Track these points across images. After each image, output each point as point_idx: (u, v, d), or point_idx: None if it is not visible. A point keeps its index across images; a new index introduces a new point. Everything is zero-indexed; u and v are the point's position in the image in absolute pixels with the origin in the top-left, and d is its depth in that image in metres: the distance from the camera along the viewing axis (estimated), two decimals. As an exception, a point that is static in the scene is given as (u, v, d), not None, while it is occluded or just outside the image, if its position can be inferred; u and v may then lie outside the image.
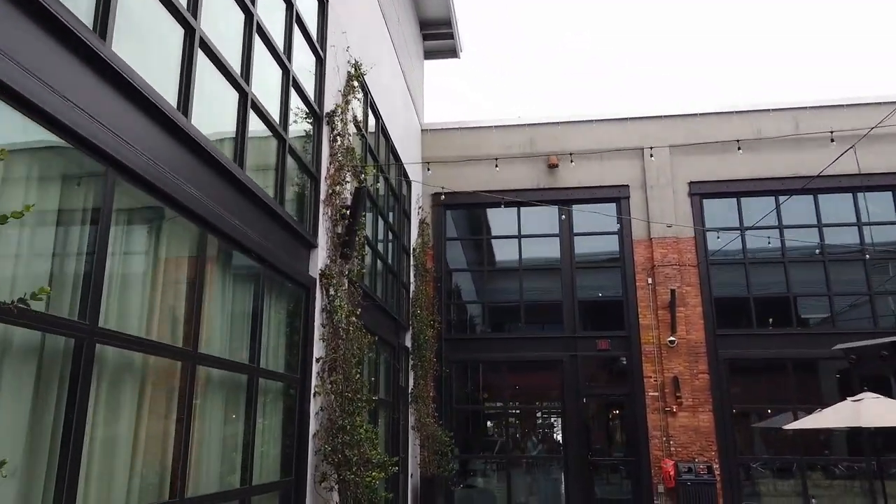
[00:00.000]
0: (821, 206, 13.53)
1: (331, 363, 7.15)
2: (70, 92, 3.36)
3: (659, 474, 12.55)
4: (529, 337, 13.79)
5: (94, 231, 3.63)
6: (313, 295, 6.97)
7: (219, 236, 4.98)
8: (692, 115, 14.09)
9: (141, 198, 4.13)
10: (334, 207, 7.57)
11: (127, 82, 3.80)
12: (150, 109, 4.08)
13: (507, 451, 13.55)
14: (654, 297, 13.39)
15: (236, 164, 5.30)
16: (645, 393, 13.00)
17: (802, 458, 12.61)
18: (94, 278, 3.56)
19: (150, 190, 4.09)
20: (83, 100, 3.46)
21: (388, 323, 10.90)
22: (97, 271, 3.59)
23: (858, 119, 13.22)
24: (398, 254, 12.06)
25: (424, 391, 12.77)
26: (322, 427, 6.87)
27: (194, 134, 4.52)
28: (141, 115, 4.01)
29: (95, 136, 3.53)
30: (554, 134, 14.43)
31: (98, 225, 3.64)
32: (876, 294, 12.98)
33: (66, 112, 3.31)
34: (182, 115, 4.43)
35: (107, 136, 3.64)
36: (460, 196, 14.47)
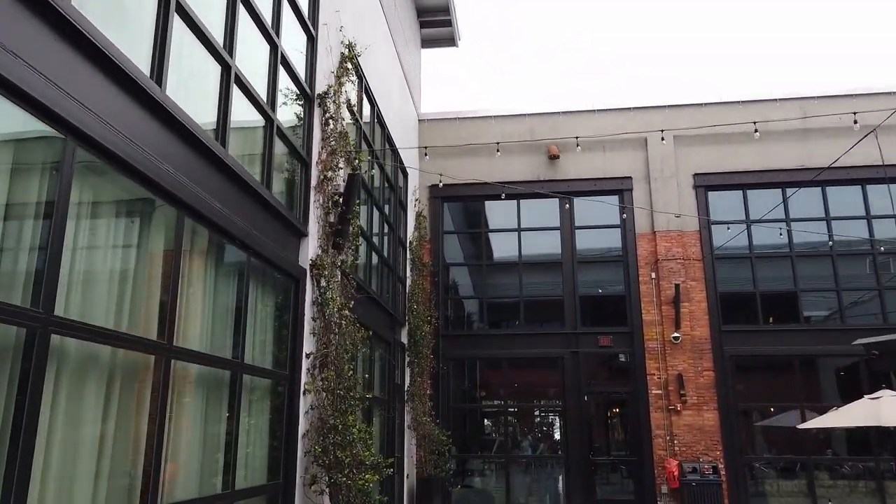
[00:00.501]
0: (829, 198, 13.17)
1: (322, 359, 6.75)
2: (22, 49, 2.96)
3: (662, 474, 12.19)
4: (529, 333, 13.41)
5: (51, 209, 3.22)
6: (303, 286, 6.56)
7: (197, 219, 4.57)
8: (697, 105, 13.70)
9: (106, 172, 3.72)
10: (326, 195, 7.16)
11: (89, 41, 3.38)
12: (117, 75, 3.67)
13: (506, 451, 13.17)
14: (657, 292, 13.01)
15: (218, 142, 4.89)
16: (648, 391, 12.63)
17: (810, 458, 12.26)
18: (49, 262, 3.16)
19: (116, 164, 3.68)
20: (39, 61, 3.05)
21: (383, 318, 10.50)
22: (52, 254, 3.18)
23: (870, 108, 12.85)
24: (394, 247, 11.66)
25: (421, 389, 12.38)
26: (312, 427, 6.47)
27: (169, 105, 4.11)
28: (106, 80, 3.60)
29: (52, 101, 3.12)
30: (555, 124, 14.03)
31: (56, 203, 3.23)
32: (885, 289, 12.61)
33: (14, 69, 2.90)
34: (155, 84, 4.02)
35: (66, 102, 3.23)
36: (458, 188, 14.07)
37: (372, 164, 9.92)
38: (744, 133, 13.49)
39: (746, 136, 13.46)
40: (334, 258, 7.25)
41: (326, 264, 6.95)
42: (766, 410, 12.87)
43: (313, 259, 6.80)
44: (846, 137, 12.62)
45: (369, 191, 9.80)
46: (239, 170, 5.13)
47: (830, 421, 7.86)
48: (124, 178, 3.81)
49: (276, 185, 6.30)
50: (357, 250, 8.49)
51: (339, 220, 7.26)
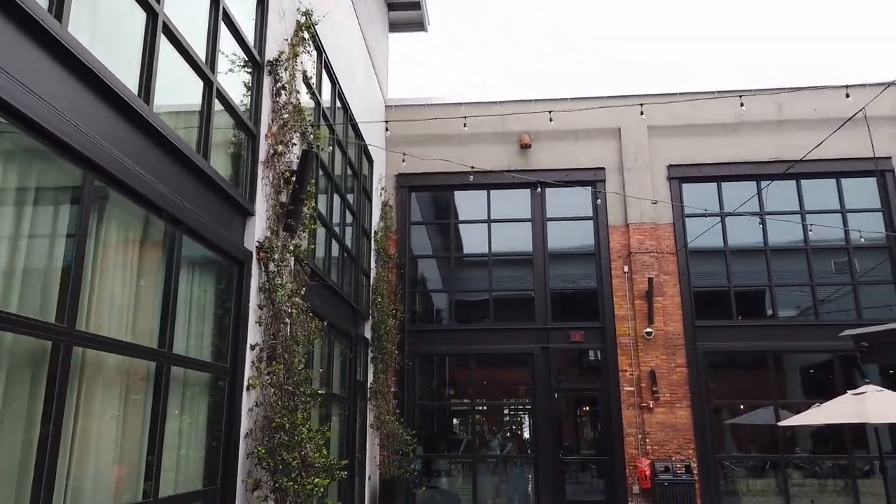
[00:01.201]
0: (804, 191, 12.93)
1: (270, 351, 6.14)
2: None
3: (634, 474, 11.79)
4: (499, 328, 12.90)
5: None
6: (248, 271, 5.94)
7: (110, 182, 3.93)
8: (671, 95, 13.35)
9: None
10: (277, 172, 6.54)
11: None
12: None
13: (474, 450, 12.65)
14: (630, 286, 12.62)
15: (140, 98, 4.25)
16: (620, 387, 12.23)
17: (783, 457, 11.98)
18: None
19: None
20: None
21: (344, 311, 9.89)
22: None
23: (843, 101, 12.61)
24: (357, 237, 11.05)
25: (385, 386, 11.80)
26: (257, 426, 5.85)
27: (71, 44, 3.47)
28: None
29: None
30: (526, 112, 13.55)
31: None
32: (860, 284, 12.41)
33: None
34: (54, 18, 3.38)
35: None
36: (426, 177, 13.53)
37: (332, 144, 9.31)
38: (719, 124, 13.22)
39: (721, 127, 13.20)
40: (286, 241, 6.63)
41: (276, 247, 6.33)
42: (739, 408, 12.56)
43: (261, 241, 6.18)
44: (820, 130, 12.39)
45: (330, 174, 9.18)
46: (168, 133, 4.49)
47: (813, 418, 7.50)
48: (12, 126, 3.17)
49: (218, 157, 5.67)
50: (313, 235, 7.87)
51: (291, 199, 6.65)
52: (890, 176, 12.59)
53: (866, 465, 11.89)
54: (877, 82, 12.64)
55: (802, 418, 7.75)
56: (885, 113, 12.74)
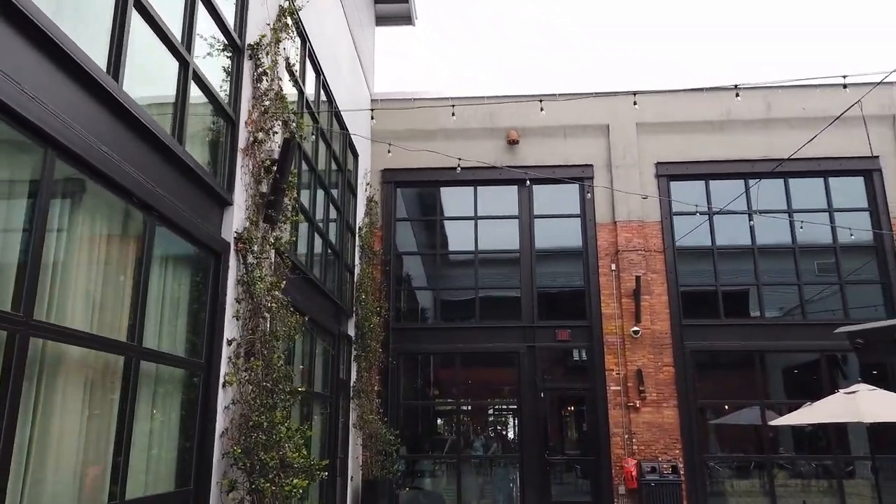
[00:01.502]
0: (791, 190, 12.87)
1: (248, 347, 5.89)
2: None
3: (620, 474, 11.66)
4: (484, 326, 12.71)
5: None
6: (226, 262, 5.69)
7: (75, 163, 3.68)
8: (660, 92, 13.23)
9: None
10: (257, 160, 6.29)
11: None
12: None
13: (458, 451, 12.45)
14: (617, 284, 12.49)
15: (109, 75, 4.00)
16: (607, 387, 12.09)
17: (769, 457, 11.90)
18: None
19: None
20: None
21: (327, 307, 9.64)
22: None
23: (831, 100, 12.61)
24: (342, 232, 10.80)
25: (368, 385, 11.56)
26: (233, 424, 5.60)
27: (31, 12, 3.21)
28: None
29: None
30: (515, 108, 13.37)
31: None
32: (847, 283, 12.37)
33: None
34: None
35: None
36: (413, 172, 13.32)
37: (316, 136, 9.06)
38: (707, 122, 13.14)
39: (709, 124, 13.12)
40: (266, 233, 6.38)
41: (255, 239, 6.08)
42: (725, 408, 12.47)
43: (239, 232, 5.93)
44: (808, 128, 12.35)
45: (313, 167, 8.94)
46: (138, 112, 4.24)
47: (805, 417, 7.39)
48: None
49: (194, 143, 5.41)
50: (295, 228, 7.63)
51: (271, 189, 6.40)
52: (877, 175, 12.57)
53: (849, 465, 11.85)
54: (864, 82, 12.59)
55: (794, 418, 7.64)
56: (873, 112, 12.69)
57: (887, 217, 12.35)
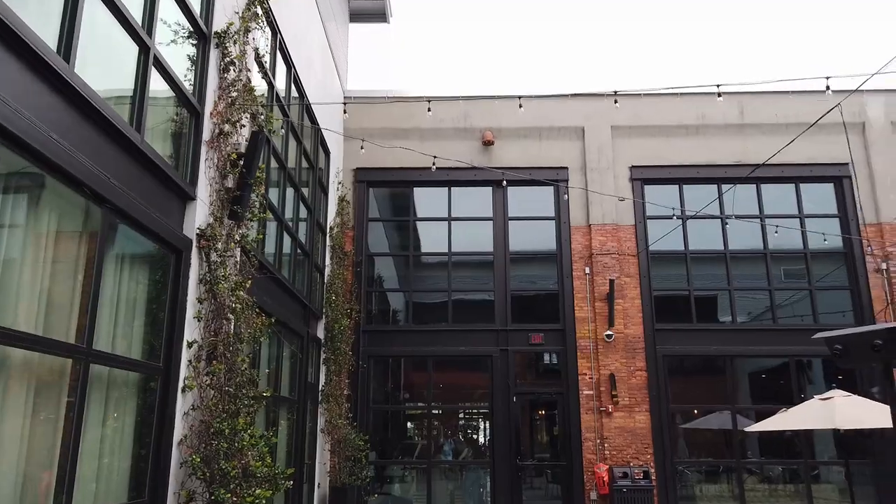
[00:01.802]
0: (763, 196, 12.94)
1: (210, 350, 5.60)
2: None
3: (592, 480, 11.55)
4: (457, 329, 12.51)
5: None
6: (187, 260, 5.39)
7: (21, 151, 3.38)
8: (635, 95, 13.21)
9: None
10: (222, 154, 6.00)
11: None
12: None
13: (429, 456, 12.22)
14: (591, 287, 12.41)
15: (60, 56, 3.70)
16: (579, 391, 11.98)
17: (740, 461, 11.92)
18: None
19: None
20: None
21: (295, 308, 9.35)
22: None
23: (804, 106, 12.73)
24: (312, 232, 10.51)
25: (338, 389, 11.28)
26: (193, 431, 5.30)
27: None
28: None
29: None
30: (490, 108, 13.23)
31: None
32: (817, 289, 12.47)
33: None
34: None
35: None
36: (386, 172, 13.09)
37: (286, 131, 8.78)
38: (682, 126, 13.15)
39: (684, 128, 13.14)
40: (231, 230, 6.09)
41: (220, 236, 5.79)
42: (698, 412, 12.46)
43: (202, 228, 5.63)
44: (781, 134, 12.47)
45: (283, 164, 8.65)
46: (94, 99, 3.95)
47: (780, 423, 7.33)
48: None
49: (155, 133, 5.12)
50: (263, 226, 7.36)
51: (237, 184, 6.12)
52: (847, 182, 12.70)
53: (814, 470, 11.93)
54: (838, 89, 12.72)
55: (769, 424, 7.59)
56: (843, 120, 12.83)
57: (857, 224, 12.48)
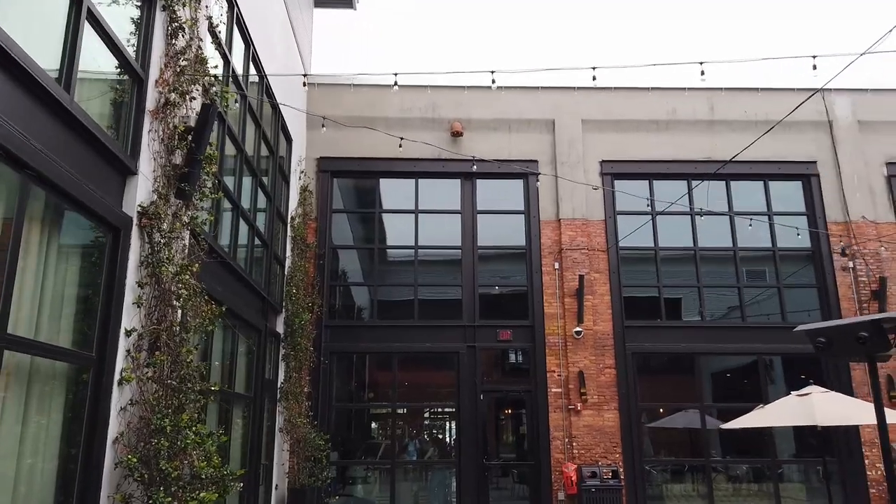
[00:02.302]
0: (733, 193, 12.86)
1: (152, 339, 5.10)
2: None
3: (560, 480, 11.28)
4: (423, 325, 12.11)
5: None
6: (126, 240, 4.89)
7: None
8: (606, 89, 13.02)
9: None
10: (169, 126, 5.51)
11: None
12: None
13: (393, 456, 11.79)
14: (560, 283, 12.14)
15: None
16: (548, 389, 11.70)
17: (708, 460, 11.78)
18: None
19: None
20: None
21: (252, 300, 8.85)
22: None
23: (773, 104, 12.71)
24: (271, 221, 10.01)
25: (298, 386, 10.79)
26: (131, 429, 4.81)
27: None
28: None
29: None
30: (459, 99, 12.89)
31: None
32: (785, 287, 12.43)
33: None
34: None
35: None
36: (351, 162, 12.64)
37: (243, 112, 8.28)
38: (652, 121, 13.00)
39: (655, 123, 12.99)
40: (179, 210, 5.60)
41: (165, 215, 5.30)
42: (665, 411, 12.29)
43: (145, 206, 5.14)
44: (750, 131, 12.40)
45: (240, 146, 8.16)
46: (9, 46, 3.46)
47: (758, 420, 7.13)
48: None
49: (90, 97, 4.62)
50: (217, 209, 6.87)
51: (186, 161, 5.63)
52: (815, 180, 12.70)
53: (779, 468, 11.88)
54: (804, 87, 12.74)
55: (746, 421, 7.38)
56: (811, 118, 12.86)
57: (824, 221, 12.49)
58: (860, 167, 12.71)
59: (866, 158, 12.74)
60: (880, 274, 12.03)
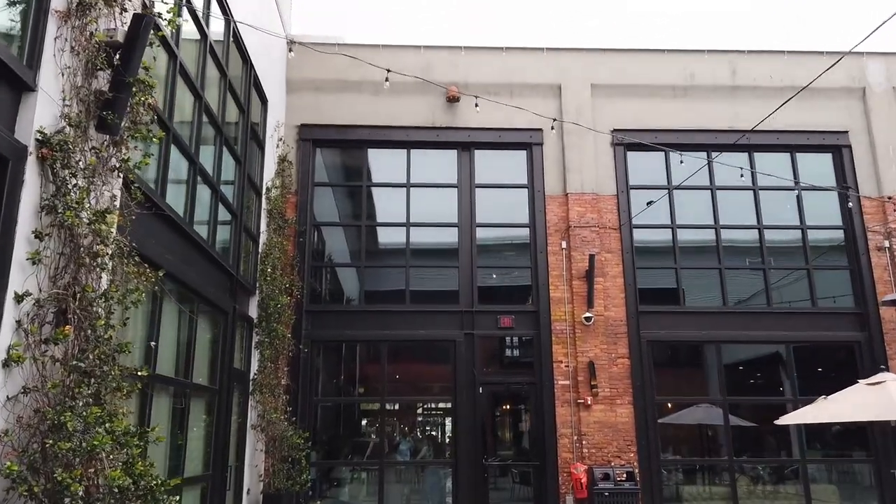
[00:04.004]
0: (756, 166, 11.69)
1: (59, 307, 3.88)
2: None
3: (568, 482, 10.10)
4: (416, 311, 10.90)
5: None
6: (17, 174, 3.67)
7: None
8: (618, 51, 11.84)
9: None
10: (88, 40, 4.28)
11: None
12: None
13: (382, 456, 10.58)
14: (568, 264, 10.96)
15: None
16: (554, 381, 10.52)
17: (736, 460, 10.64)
18: None
19: None
20: None
21: (216, 277, 7.62)
22: None
23: (801, 68, 11.52)
24: (242, 189, 8.77)
25: (274, 378, 9.58)
26: (21, 425, 3.59)
27: None
28: None
29: None
30: (455, 61, 11.67)
31: None
32: (815, 269, 11.27)
33: None
34: None
35: None
36: (335, 130, 11.42)
37: (203, 50, 7.04)
38: (669, 86, 11.83)
39: (672, 89, 11.83)
40: (103, 149, 4.38)
41: (75, 146, 4.07)
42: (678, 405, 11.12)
43: (47, 133, 3.91)
44: (776, 98, 11.18)
45: (199, 92, 6.92)
46: None
47: (821, 414, 5.96)
48: None
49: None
50: (162, 155, 5.64)
51: (112, 85, 4.40)
52: (847, 152, 11.56)
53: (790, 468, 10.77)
54: (833, 51, 11.60)
55: (806, 415, 6.21)
56: (843, 84, 11.72)
57: (857, 197, 11.34)
58: (895, 138, 11.56)
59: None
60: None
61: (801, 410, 6.58)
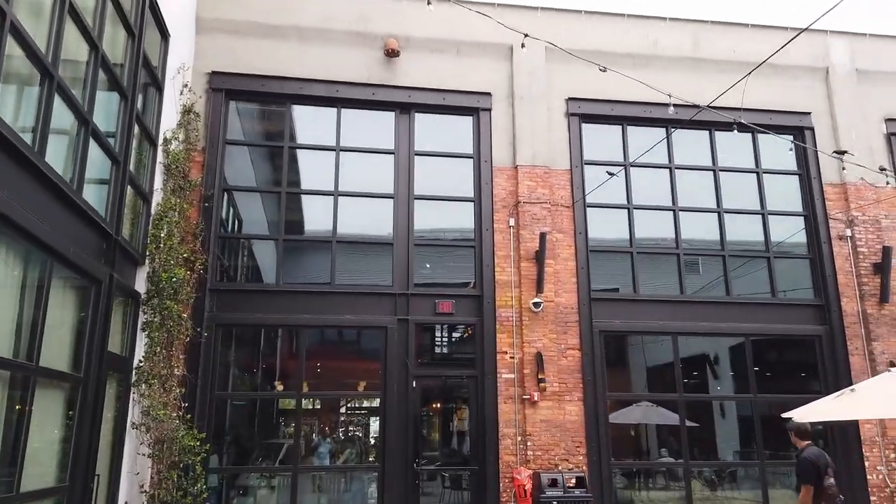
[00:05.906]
0: (717, 147, 10.87)
1: None
2: None
3: (510, 488, 8.90)
4: (342, 292, 9.44)
5: None
6: None
7: None
8: (577, 12, 10.78)
9: None
10: None
11: None
12: None
13: (297, 460, 9.05)
14: (516, 244, 9.77)
15: None
16: (498, 374, 9.30)
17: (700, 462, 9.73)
18: None
19: None
20: None
21: (82, 233, 5.96)
22: None
23: (765, 43, 10.70)
24: (127, 131, 7.07)
25: (166, 367, 7.91)
26: None
27: None
28: None
29: None
30: (394, 9, 10.28)
31: None
32: (776, 257, 10.52)
33: None
34: None
35: None
36: (253, 81, 9.82)
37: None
38: (628, 55, 10.84)
39: (631, 58, 10.85)
40: None
41: None
42: (622, 403, 10.16)
43: None
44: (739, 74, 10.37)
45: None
46: None
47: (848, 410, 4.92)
48: None
49: None
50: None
51: None
52: (809, 134, 10.89)
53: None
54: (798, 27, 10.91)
55: (828, 410, 5.18)
56: (805, 63, 11.07)
57: (819, 182, 10.69)
58: (858, 122, 10.98)
59: (864, 113, 11.04)
60: (882, 244, 10.32)
61: (817, 404, 5.56)
